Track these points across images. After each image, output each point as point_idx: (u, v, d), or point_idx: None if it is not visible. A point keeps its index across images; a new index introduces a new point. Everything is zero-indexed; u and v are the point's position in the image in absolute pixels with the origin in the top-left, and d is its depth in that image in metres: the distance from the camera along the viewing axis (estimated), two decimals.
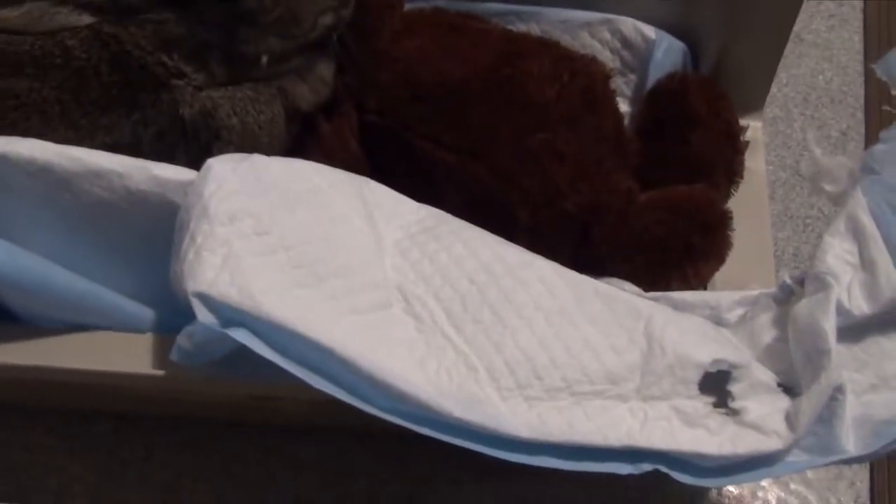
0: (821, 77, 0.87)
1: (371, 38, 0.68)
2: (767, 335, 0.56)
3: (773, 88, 0.76)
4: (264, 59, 0.62)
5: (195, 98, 0.61)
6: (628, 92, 0.78)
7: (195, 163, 0.58)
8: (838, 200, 0.58)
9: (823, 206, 0.80)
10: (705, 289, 0.67)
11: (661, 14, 0.78)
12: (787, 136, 0.84)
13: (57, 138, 0.57)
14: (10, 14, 0.56)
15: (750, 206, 0.70)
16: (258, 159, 0.55)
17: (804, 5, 0.68)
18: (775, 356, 0.55)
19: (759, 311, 0.58)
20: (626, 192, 0.67)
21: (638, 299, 0.56)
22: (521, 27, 0.78)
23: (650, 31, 0.77)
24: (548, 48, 0.71)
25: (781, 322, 0.56)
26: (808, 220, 0.79)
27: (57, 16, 0.58)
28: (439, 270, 0.55)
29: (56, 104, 0.58)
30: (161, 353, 0.53)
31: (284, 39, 0.62)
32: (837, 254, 0.54)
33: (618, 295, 0.56)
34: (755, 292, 0.60)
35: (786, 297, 0.57)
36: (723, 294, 0.61)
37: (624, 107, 0.76)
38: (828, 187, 0.59)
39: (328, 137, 0.68)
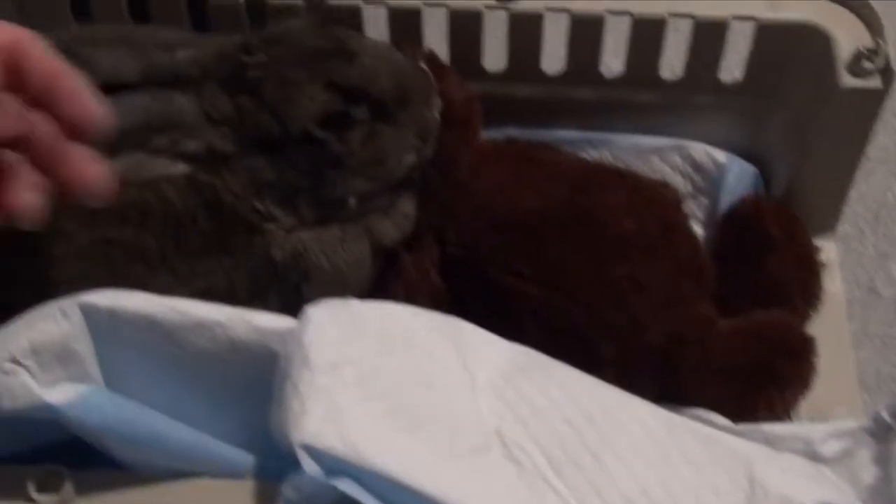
0: (889, 194, 0.87)
1: (449, 172, 0.69)
2: (868, 474, 0.55)
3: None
4: (352, 200, 0.63)
5: (286, 240, 0.62)
6: (700, 215, 0.79)
7: (286, 304, 0.59)
8: None
9: None
10: (790, 415, 0.66)
11: (731, 138, 0.79)
12: (860, 254, 0.84)
13: (157, 284, 0.58)
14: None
15: (829, 328, 0.70)
16: (355, 305, 0.56)
17: None
18: (878, 496, 0.54)
19: (857, 447, 0.57)
20: (707, 321, 0.67)
21: (734, 439, 0.56)
22: (592, 154, 0.79)
23: (721, 155, 0.78)
24: (622, 178, 0.72)
25: (882, 460, 0.55)
26: (887, 339, 0.79)
27: (154, 166, 0.59)
28: (536, 413, 0.55)
29: (158, 251, 0.60)
30: (263, 500, 0.53)
31: (370, 180, 0.63)
32: None
33: (715, 435, 0.56)
34: (848, 425, 0.59)
35: (883, 434, 0.57)
36: (814, 427, 0.61)
37: (697, 229, 0.77)
38: None
39: (410, 271, 0.69)
